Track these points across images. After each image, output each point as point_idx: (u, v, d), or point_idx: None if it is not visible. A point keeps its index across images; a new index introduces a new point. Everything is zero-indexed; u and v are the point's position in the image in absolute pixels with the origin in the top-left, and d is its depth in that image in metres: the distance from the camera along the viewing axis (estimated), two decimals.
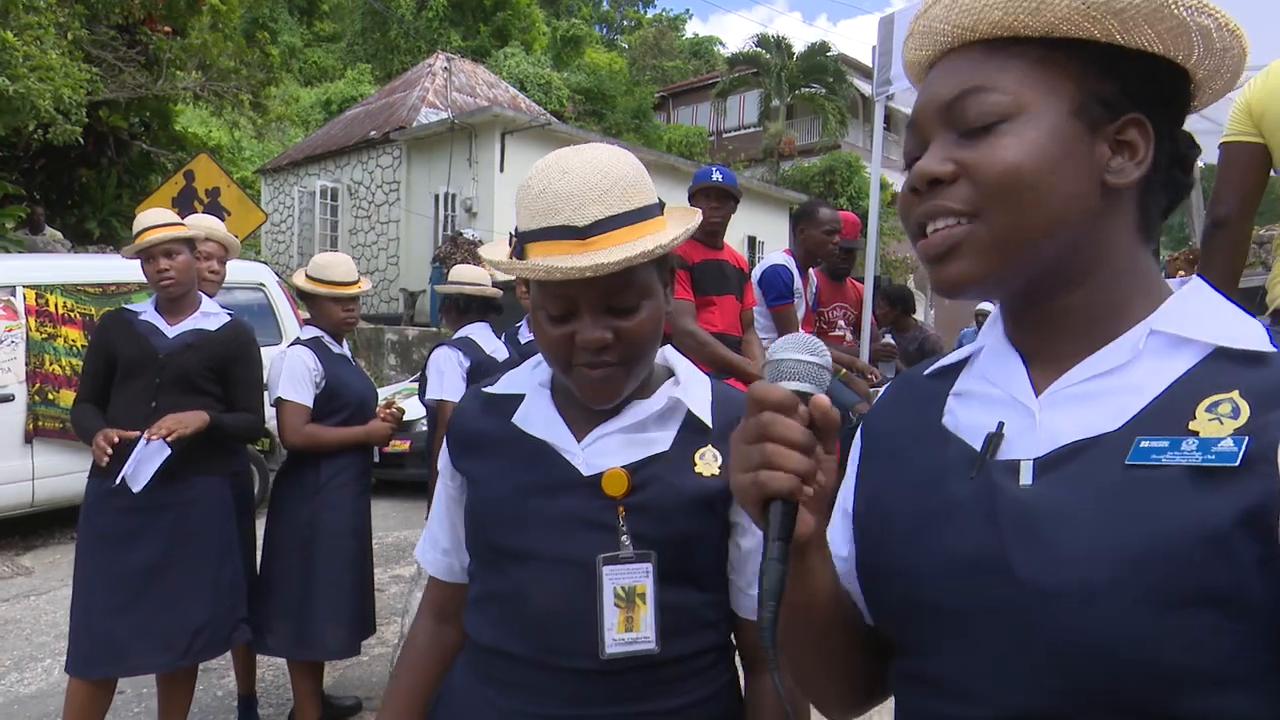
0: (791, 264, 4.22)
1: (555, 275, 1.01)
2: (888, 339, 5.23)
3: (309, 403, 3.15)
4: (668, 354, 1.20)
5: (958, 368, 0.87)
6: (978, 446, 0.77)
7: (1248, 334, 0.71)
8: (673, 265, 1.16)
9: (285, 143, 22.08)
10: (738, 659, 1.22)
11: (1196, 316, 0.73)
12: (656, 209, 1.09)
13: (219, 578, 2.89)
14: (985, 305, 9.28)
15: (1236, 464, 0.64)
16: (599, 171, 1.04)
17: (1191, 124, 0.80)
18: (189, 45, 11.56)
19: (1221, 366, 0.70)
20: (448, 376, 3.41)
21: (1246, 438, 0.64)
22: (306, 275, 3.30)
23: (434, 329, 14.05)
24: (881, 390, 1.00)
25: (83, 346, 6.01)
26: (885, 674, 0.88)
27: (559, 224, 1.02)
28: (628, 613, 1.05)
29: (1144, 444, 0.68)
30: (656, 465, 1.10)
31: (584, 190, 1.02)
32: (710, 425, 1.12)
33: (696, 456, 1.11)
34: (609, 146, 1.10)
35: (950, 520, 0.75)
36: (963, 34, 0.77)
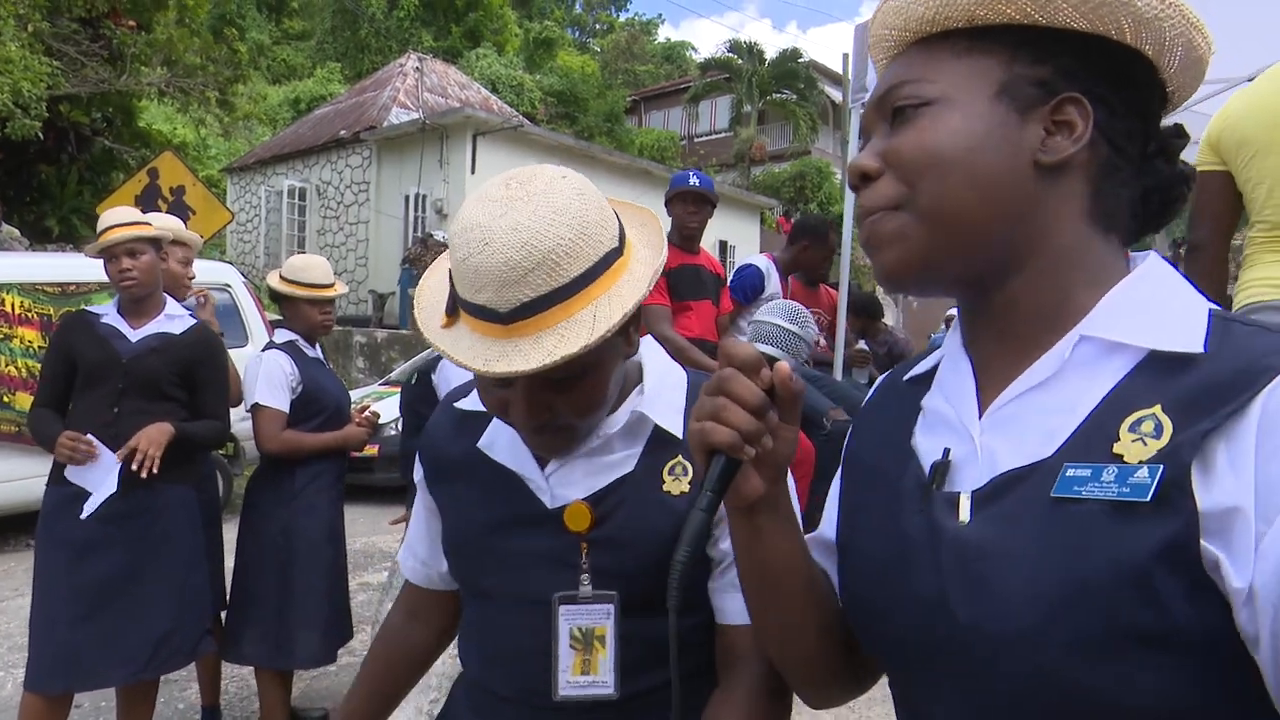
0: (770, 268, 4.20)
1: (473, 369, 0.91)
2: (861, 345, 5.24)
3: (286, 408, 3.10)
4: (643, 353, 1.12)
5: (931, 375, 0.84)
6: (928, 473, 0.76)
7: (1182, 332, 0.66)
8: (636, 319, 1.04)
9: (252, 141, 21.79)
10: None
11: (1131, 314, 0.69)
12: (604, 263, 0.93)
13: (185, 587, 2.81)
14: (954, 311, 9.34)
15: (1148, 499, 0.60)
16: (523, 246, 0.88)
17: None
18: (154, 40, 11.36)
19: (1152, 374, 0.66)
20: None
21: (1161, 466, 0.61)
22: (282, 277, 3.24)
23: (403, 331, 13.92)
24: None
25: (40, 348, 5.86)
26: (860, 666, 0.88)
27: (480, 303, 0.90)
28: (584, 655, 1.01)
29: (1069, 472, 0.65)
30: (622, 490, 1.05)
31: (505, 270, 0.88)
32: (680, 435, 1.05)
33: (665, 472, 1.05)
34: (547, 199, 0.91)
35: (905, 556, 0.74)
36: (902, 35, 0.78)
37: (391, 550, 6.10)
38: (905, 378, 0.88)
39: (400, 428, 4.46)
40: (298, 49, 29.21)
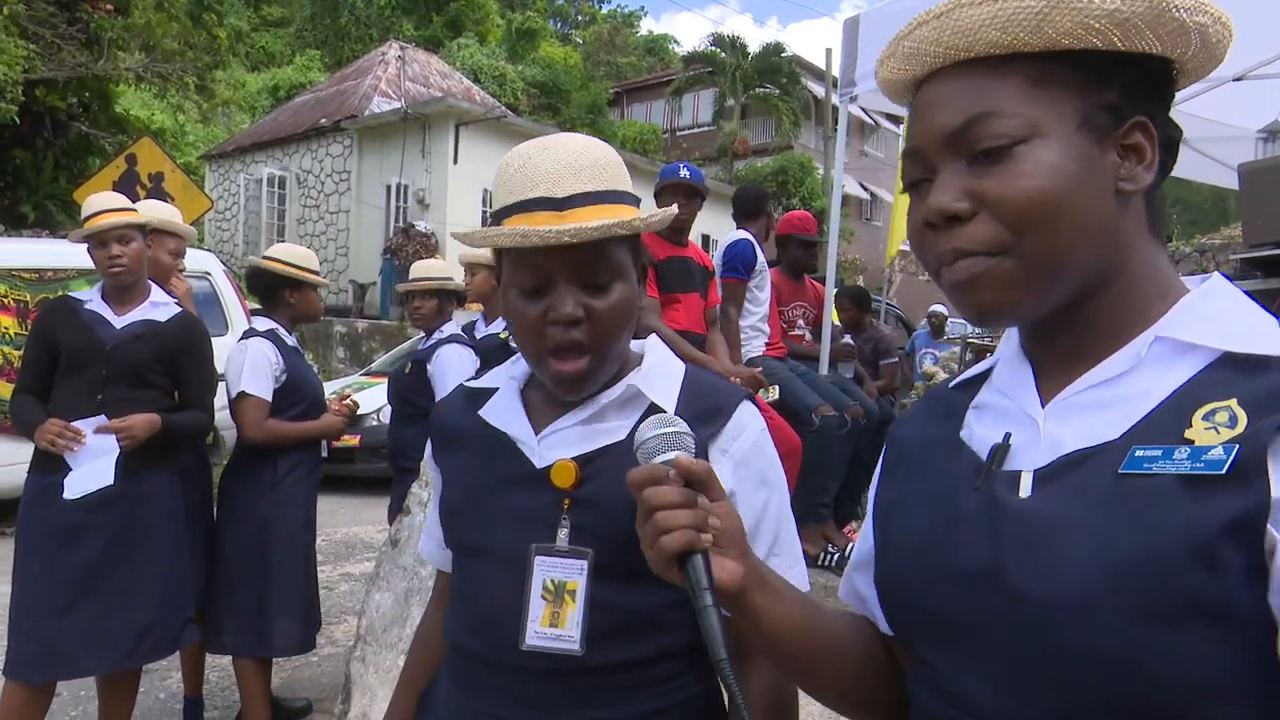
0: (755, 241, 4.21)
1: (532, 240, 1.00)
2: (847, 340, 5.27)
3: (270, 397, 3.07)
4: (646, 344, 1.18)
5: (980, 380, 0.87)
6: (985, 457, 0.78)
7: (1258, 337, 0.69)
8: (645, 262, 1.14)
9: (231, 128, 21.54)
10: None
11: (1206, 320, 0.72)
12: (632, 198, 1.08)
13: (169, 576, 2.79)
14: (938, 307, 9.40)
15: (1223, 471, 0.63)
16: (577, 152, 1.05)
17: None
18: (132, 25, 11.18)
19: (1226, 373, 0.68)
20: (461, 374, 3.43)
21: (1237, 445, 0.63)
22: (292, 264, 3.22)
23: (384, 322, 13.85)
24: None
25: (16, 334, 5.78)
26: (896, 694, 0.88)
27: (536, 196, 1.03)
28: (554, 608, 1.03)
29: (1138, 453, 0.67)
30: (609, 455, 1.06)
31: (562, 167, 1.04)
32: (672, 411, 1.06)
33: None
34: (587, 138, 1.10)
35: (955, 532, 0.76)
36: (955, 54, 0.74)
37: (373, 541, 6.08)
38: (951, 385, 0.91)
39: (388, 417, 4.45)
40: (276, 36, 28.88)
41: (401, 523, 2.73)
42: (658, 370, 1.13)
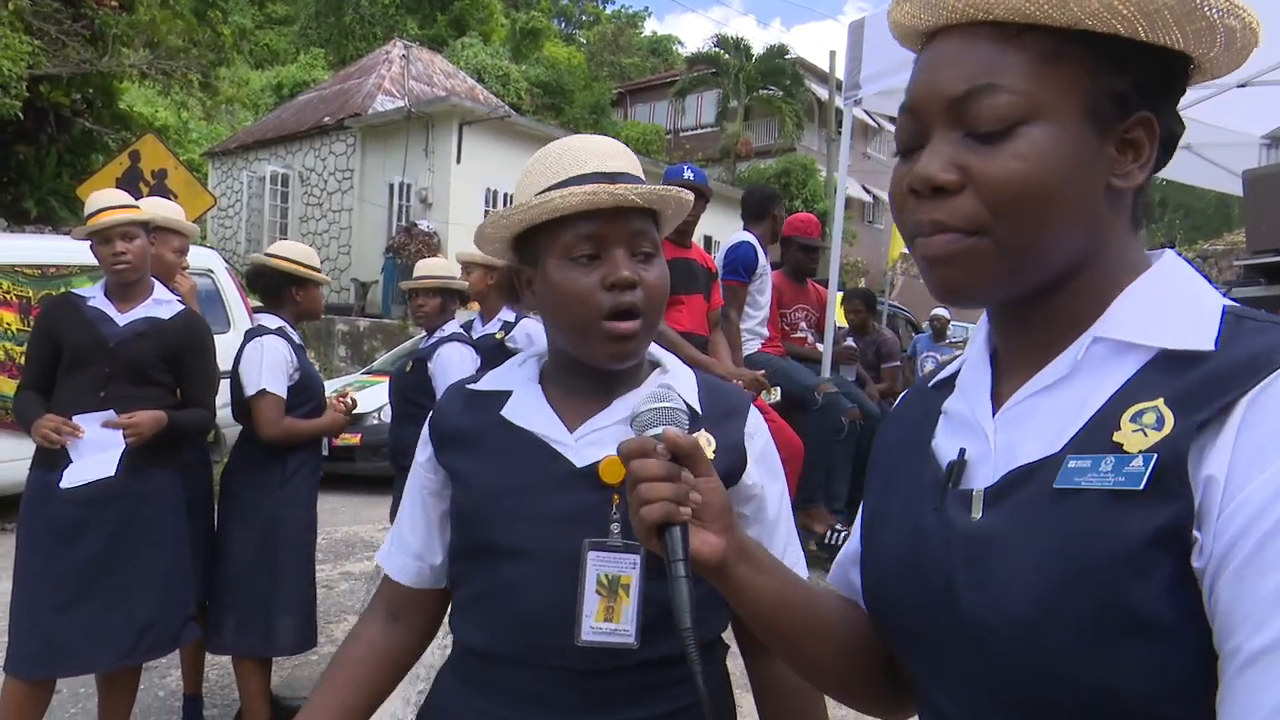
0: (758, 243, 4.21)
1: (601, 198, 1.04)
2: (849, 342, 5.27)
3: (285, 395, 3.09)
4: (653, 349, 1.20)
5: (953, 379, 0.85)
6: (945, 472, 0.78)
7: (1193, 330, 0.67)
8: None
9: (234, 126, 21.55)
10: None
11: (1143, 314, 0.70)
12: None
13: (170, 573, 2.79)
14: (940, 311, 9.39)
15: (1141, 487, 0.62)
16: (614, 142, 1.15)
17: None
18: (136, 21, 11.17)
19: (1160, 371, 0.67)
20: (461, 373, 3.43)
21: (1155, 455, 0.62)
22: (299, 263, 3.22)
23: (386, 320, 13.84)
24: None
25: (19, 330, 5.77)
26: (890, 680, 0.90)
27: (589, 171, 1.09)
28: (609, 602, 1.03)
29: (1071, 464, 0.66)
30: None
31: (608, 148, 1.13)
32: (700, 411, 1.12)
33: None
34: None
35: (919, 551, 0.76)
36: (974, 13, 0.71)
37: (374, 540, 6.07)
38: (930, 384, 0.89)
39: (389, 416, 4.45)
40: (280, 34, 28.88)
41: None
42: (679, 373, 1.18)
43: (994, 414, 0.75)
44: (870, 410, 4.48)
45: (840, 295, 4.87)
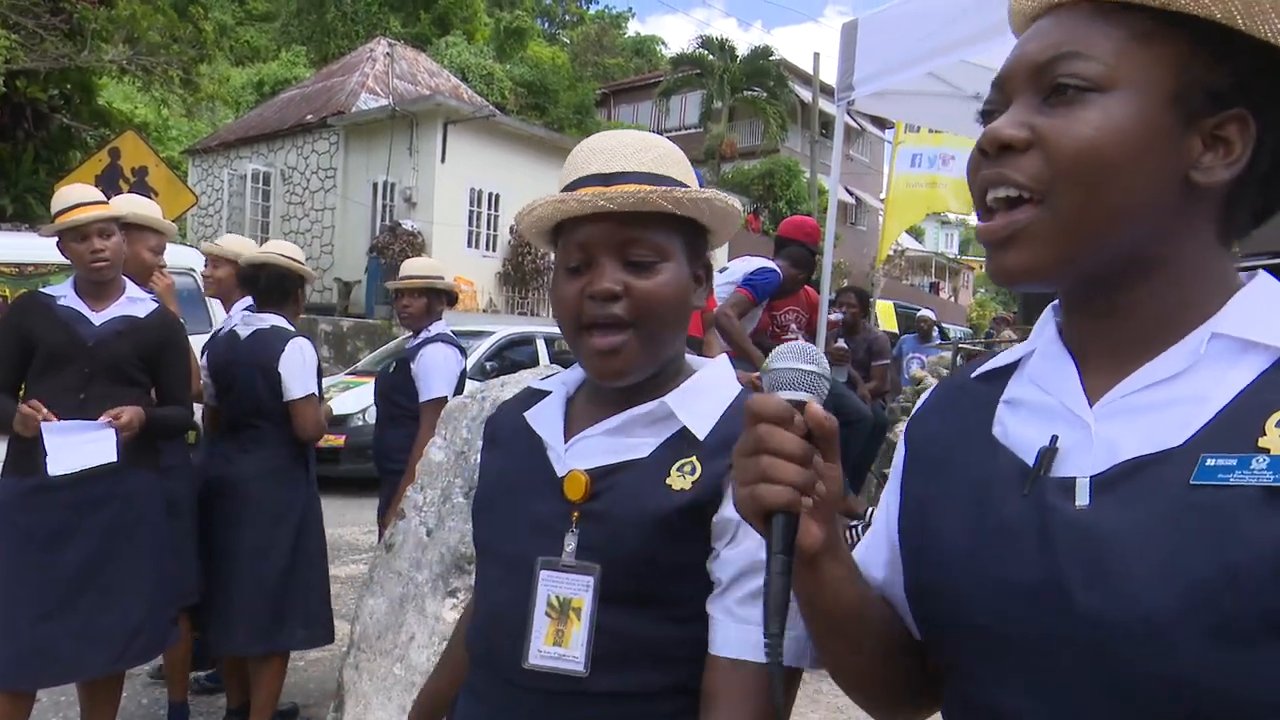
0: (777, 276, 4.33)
1: (569, 206, 1.00)
2: (840, 343, 5.26)
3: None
4: (710, 362, 1.12)
5: (1008, 371, 0.82)
6: (1030, 460, 0.72)
7: None
8: (707, 263, 1.10)
9: (215, 123, 21.35)
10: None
11: (1263, 316, 0.68)
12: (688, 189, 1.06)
13: (158, 574, 2.74)
14: (925, 312, 9.42)
15: None
16: (642, 139, 1.07)
17: None
18: (116, 16, 11.04)
19: None
20: (444, 374, 3.48)
21: None
22: (300, 261, 3.24)
23: (369, 320, 13.75)
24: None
25: None
26: (923, 682, 0.86)
27: (588, 173, 1.03)
28: (559, 625, 0.98)
29: (1210, 462, 0.63)
30: (625, 472, 1.01)
31: (619, 145, 1.05)
32: (701, 437, 1.01)
33: (674, 467, 1.01)
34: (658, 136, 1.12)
35: (1003, 541, 0.71)
36: None
37: (359, 543, 6.01)
38: (973, 375, 0.85)
39: (373, 418, 4.39)
40: (261, 30, 28.66)
41: (396, 527, 2.68)
42: (704, 391, 1.05)
43: (1089, 404, 0.72)
44: (862, 411, 4.47)
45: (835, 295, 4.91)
